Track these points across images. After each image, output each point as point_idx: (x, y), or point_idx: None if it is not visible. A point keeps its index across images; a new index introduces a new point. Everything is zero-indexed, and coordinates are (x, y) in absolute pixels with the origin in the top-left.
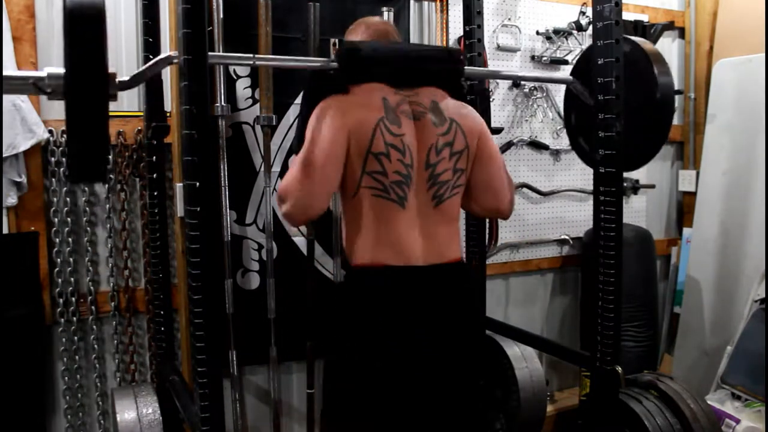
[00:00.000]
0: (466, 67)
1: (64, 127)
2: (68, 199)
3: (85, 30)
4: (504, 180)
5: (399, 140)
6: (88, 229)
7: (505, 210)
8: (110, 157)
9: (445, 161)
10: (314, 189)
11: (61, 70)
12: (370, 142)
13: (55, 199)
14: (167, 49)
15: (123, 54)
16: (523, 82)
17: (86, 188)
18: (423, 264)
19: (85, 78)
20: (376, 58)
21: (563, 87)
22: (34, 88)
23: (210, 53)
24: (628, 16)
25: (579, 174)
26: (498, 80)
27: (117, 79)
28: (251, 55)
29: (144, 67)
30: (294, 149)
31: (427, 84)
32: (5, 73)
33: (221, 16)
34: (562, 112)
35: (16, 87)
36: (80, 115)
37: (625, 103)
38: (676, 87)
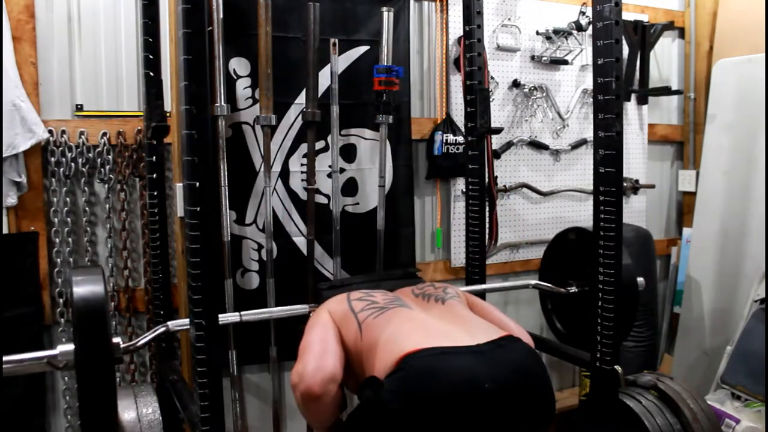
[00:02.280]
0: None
1: (64, 127)
2: (68, 199)
3: (90, 320)
4: (503, 315)
5: (376, 292)
6: (88, 229)
7: (523, 337)
8: (110, 157)
9: (431, 290)
10: (317, 352)
11: (71, 348)
12: (347, 300)
13: (55, 199)
14: (167, 49)
15: (123, 54)
16: (522, 82)
17: (86, 188)
18: (474, 342)
19: (93, 358)
20: (343, 284)
21: (563, 87)
22: (48, 365)
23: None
24: (628, 16)
25: (579, 174)
26: (498, 80)
27: (121, 346)
28: (238, 314)
29: (146, 335)
30: None
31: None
32: (19, 356)
33: (221, 16)
34: (561, 113)
35: (31, 366)
36: (90, 385)
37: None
38: (676, 87)
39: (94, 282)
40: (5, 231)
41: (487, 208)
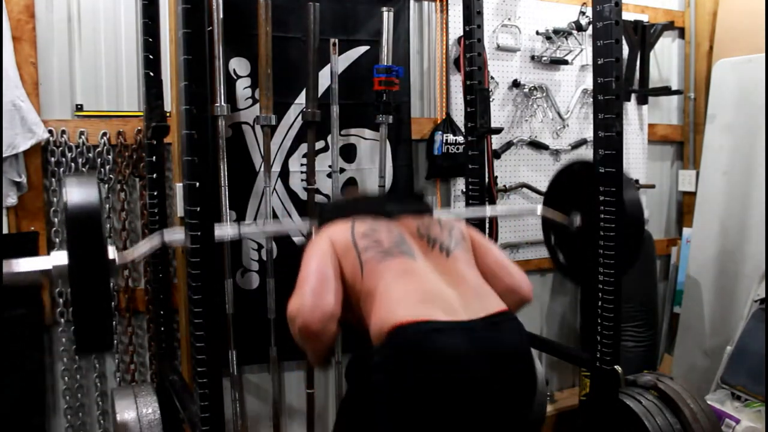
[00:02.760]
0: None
1: (63, 128)
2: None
3: (85, 228)
4: (509, 262)
5: (379, 224)
6: None
7: (519, 287)
8: (110, 157)
9: (437, 230)
10: (317, 287)
11: (65, 260)
12: (351, 232)
13: (55, 199)
14: (167, 49)
15: (123, 54)
16: (522, 82)
17: None
18: (468, 318)
19: (88, 269)
20: (348, 205)
21: (563, 87)
22: (43, 276)
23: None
24: (628, 16)
25: None
26: (498, 80)
27: (117, 262)
28: (236, 226)
29: (142, 248)
30: None
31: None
32: (11, 266)
33: (221, 16)
34: (561, 113)
35: (26, 277)
36: (84, 299)
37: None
38: (676, 87)
39: (89, 187)
40: (5, 231)
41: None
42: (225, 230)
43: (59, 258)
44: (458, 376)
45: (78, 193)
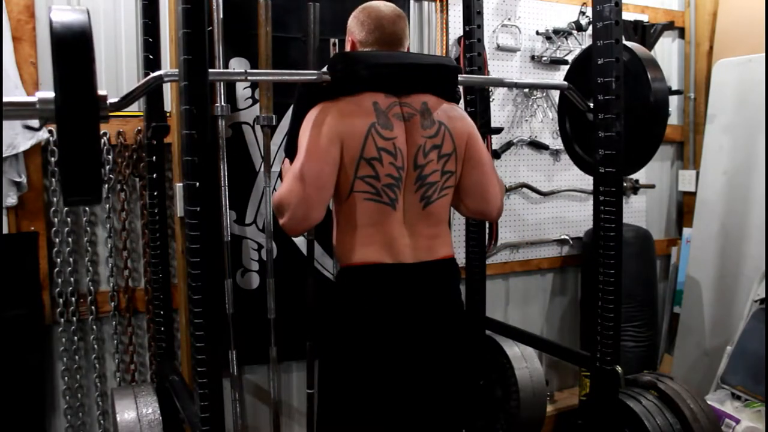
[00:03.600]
0: (461, 76)
1: None
2: None
3: (72, 54)
4: (493, 184)
5: (391, 143)
6: (88, 229)
7: (491, 213)
8: (110, 157)
9: (433, 163)
10: (311, 198)
11: (52, 95)
12: (362, 148)
13: (55, 199)
14: (167, 49)
15: (123, 54)
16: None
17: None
18: (412, 261)
19: (75, 102)
20: (370, 71)
21: None
22: (28, 113)
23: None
24: (628, 16)
25: (579, 174)
26: None
27: (108, 101)
28: (243, 71)
29: (136, 86)
30: (286, 154)
31: (421, 91)
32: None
33: (221, 16)
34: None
35: (12, 113)
36: (71, 139)
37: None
38: (676, 87)
39: (77, 13)
40: (5, 231)
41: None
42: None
43: (45, 94)
44: (391, 307)
45: (66, 14)
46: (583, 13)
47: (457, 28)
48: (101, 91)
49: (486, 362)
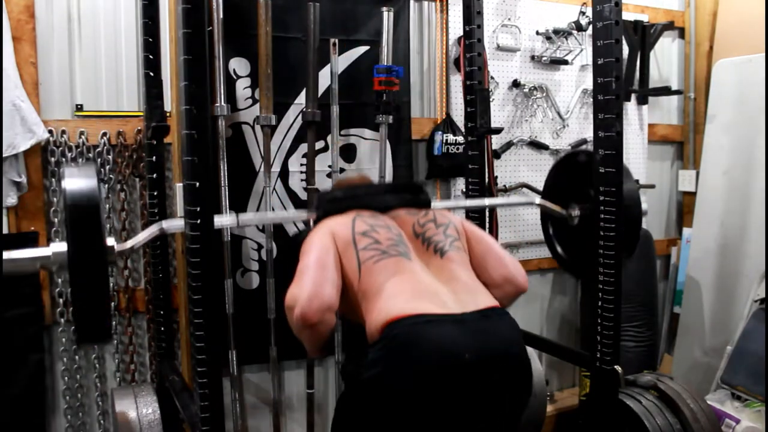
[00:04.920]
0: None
1: (63, 127)
2: None
3: (84, 216)
4: (503, 252)
5: (379, 221)
6: None
7: (516, 277)
8: (110, 157)
9: (432, 229)
10: (316, 277)
11: (64, 248)
12: (351, 229)
13: (55, 199)
14: (167, 49)
15: (123, 54)
16: (522, 82)
17: None
18: (460, 311)
19: (87, 256)
20: (351, 191)
21: (563, 87)
22: (42, 263)
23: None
24: (628, 16)
25: None
26: (498, 80)
27: (116, 249)
28: (236, 217)
29: (141, 235)
30: None
31: (401, 207)
32: (11, 254)
33: (221, 16)
34: (561, 113)
35: (23, 266)
36: (83, 286)
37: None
38: (676, 87)
39: (87, 177)
40: (5, 231)
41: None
42: (223, 219)
43: (58, 246)
44: (452, 365)
45: (77, 180)
46: (583, 13)
47: (457, 28)
48: (109, 241)
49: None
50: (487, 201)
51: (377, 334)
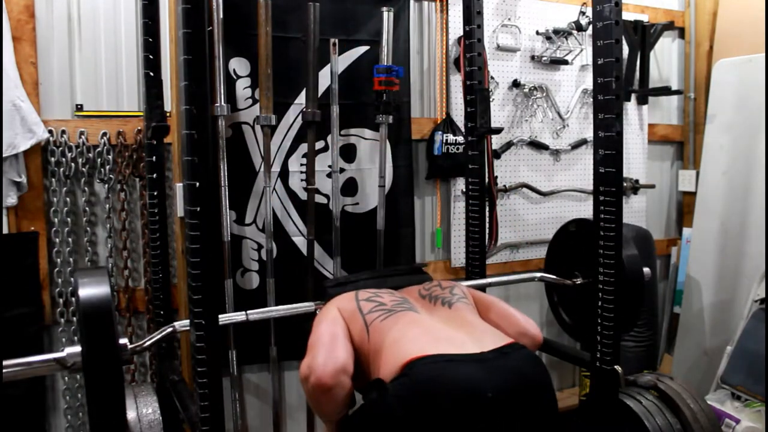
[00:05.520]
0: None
1: (63, 127)
2: (68, 199)
3: (96, 321)
4: (512, 309)
5: (382, 290)
6: (88, 229)
7: (527, 329)
8: (110, 157)
9: (438, 290)
10: (327, 344)
11: (78, 350)
12: (356, 298)
13: (55, 199)
14: (167, 49)
15: (123, 54)
16: (522, 82)
17: (86, 188)
18: (480, 350)
19: (100, 356)
20: (350, 281)
21: (563, 87)
22: (58, 366)
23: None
24: (628, 16)
25: (579, 174)
26: (498, 80)
27: (129, 347)
28: (245, 313)
29: (153, 336)
30: None
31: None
32: (26, 359)
33: (221, 16)
34: (561, 113)
35: (39, 369)
36: (98, 386)
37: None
38: (676, 87)
39: (100, 283)
40: (5, 231)
41: (487, 208)
42: (233, 317)
43: (73, 349)
44: (475, 404)
45: (89, 288)
46: (583, 13)
47: (457, 28)
48: (122, 340)
49: None
50: (485, 281)
51: (398, 371)
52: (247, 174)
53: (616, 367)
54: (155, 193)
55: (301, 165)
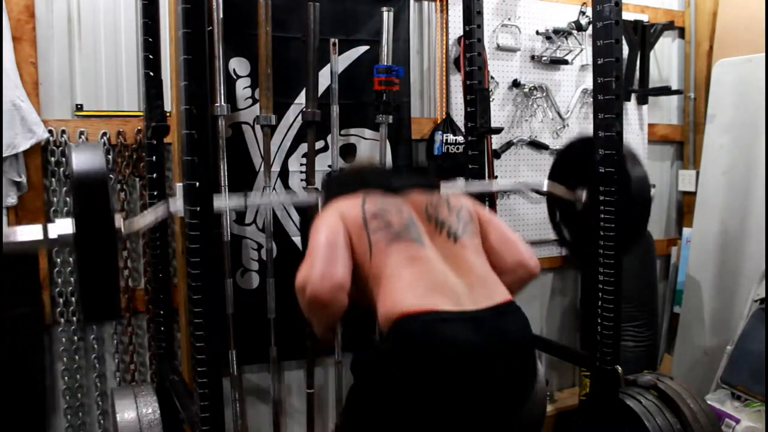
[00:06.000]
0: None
1: (63, 127)
2: (68, 199)
3: (91, 194)
4: (516, 237)
5: (389, 202)
6: None
7: (527, 262)
8: (110, 157)
9: (445, 212)
10: (326, 257)
11: (70, 229)
12: (362, 210)
13: (55, 199)
14: (167, 49)
15: (123, 54)
16: (522, 82)
17: None
18: (474, 308)
19: (93, 236)
20: (355, 178)
21: (563, 87)
22: (50, 246)
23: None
24: (628, 16)
25: None
26: (498, 80)
27: (122, 230)
28: (243, 196)
29: (146, 214)
30: None
31: (412, 189)
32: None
33: (221, 16)
34: (561, 113)
35: (29, 246)
36: (90, 268)
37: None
38: (676, 87)
39: (95, 155)
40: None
41: (487, 208)
42: (229, 201)
43: (64, 226)
44: (464, 365)
45: (84, 159)
46: (583, 13)
47: (457, 28)
48: (117, 222)
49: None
50: (494, 184)
51: (389, 325)
52: (247, 174)
53: (616, 367)
54: (155, 193)
55: (301, 165)
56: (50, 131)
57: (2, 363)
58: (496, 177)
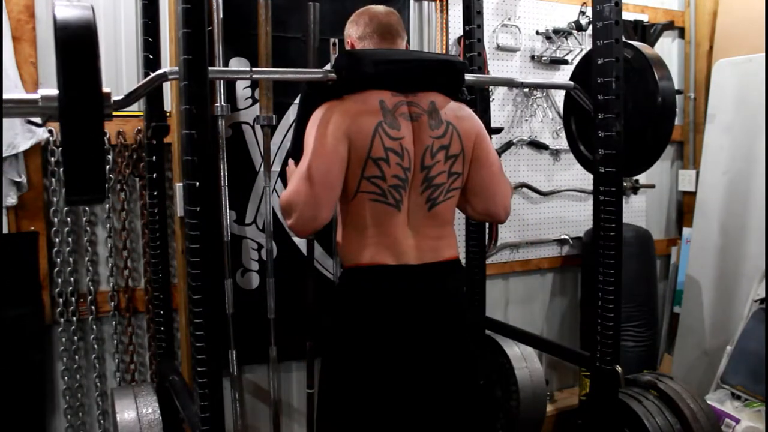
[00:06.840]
0: (469, 75)
1: None
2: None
3: (77, 52)
4: (500, 185)
5: (398, 143)
6: (88, 228)
7: (498, 213)
8: (110, 156)
9: (440, 164)
10: (319, 198)
11: (55, 92)
12: (369, 147)
13: (55, 199)
14: (167, 49)
15: (123, 54)
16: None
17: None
18: (416, 263)
19: (80, 101)
20: (375, 68)
21: None
22: (30, 111)
23: (209, 68)
24: (628, 16)
25: (579, 174)
26: None
27: (112, 98)
28: (248, 69)
29: (139, 85)
30: (291, 155)
31: (428, 89)
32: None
33: (221, 16)
34: (562, 113)
35: (14, 110)
36: (75, 137)
37: (625, 108)
38: (676, 87)
39: (82, 12)
40: (5, 231)
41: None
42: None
43: (48, 90)
44: (395, 309)
45: (69, 14)
46: (583, 13)
47: (457, 28)
48: (105, 89)
49: (486, 362)
50: (520, 79)
51: (343, 267)
52: (247, 174)
53: (616, 367)
54: (155, 193)
55: None
56: (50, 131)
57: (2, 363)
58: None
